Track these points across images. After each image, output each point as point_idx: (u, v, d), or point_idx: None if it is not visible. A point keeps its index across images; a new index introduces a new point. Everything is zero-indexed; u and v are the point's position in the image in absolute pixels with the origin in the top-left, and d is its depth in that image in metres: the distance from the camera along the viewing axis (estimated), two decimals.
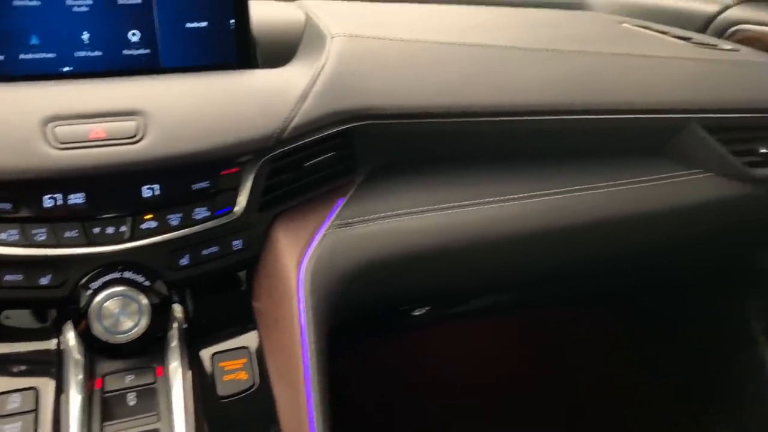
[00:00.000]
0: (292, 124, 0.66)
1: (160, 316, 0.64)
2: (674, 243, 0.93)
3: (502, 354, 1.37)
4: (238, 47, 0.76)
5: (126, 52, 0.73)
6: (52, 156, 0.59)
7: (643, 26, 1.02)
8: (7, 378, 0.61)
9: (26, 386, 0.60)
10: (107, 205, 0.62)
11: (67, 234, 0.61)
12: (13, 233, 0.59)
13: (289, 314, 0.64)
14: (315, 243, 0.69)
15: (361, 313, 0.71)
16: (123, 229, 0.62)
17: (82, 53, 0.71)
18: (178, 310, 0.68)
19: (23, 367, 0.62)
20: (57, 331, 0.65)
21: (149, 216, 0.63)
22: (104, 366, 0.63)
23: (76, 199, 0.61)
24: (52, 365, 0.62)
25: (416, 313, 0.93)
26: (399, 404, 1.23)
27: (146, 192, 0.63)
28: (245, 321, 0.70)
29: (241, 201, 0.66)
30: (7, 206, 0.59)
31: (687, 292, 1.26)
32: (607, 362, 1.41)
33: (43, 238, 0.60)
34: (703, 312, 1.26)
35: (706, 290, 1.24)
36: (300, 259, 0.67)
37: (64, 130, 0.60)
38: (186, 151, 0.62)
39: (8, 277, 0.60)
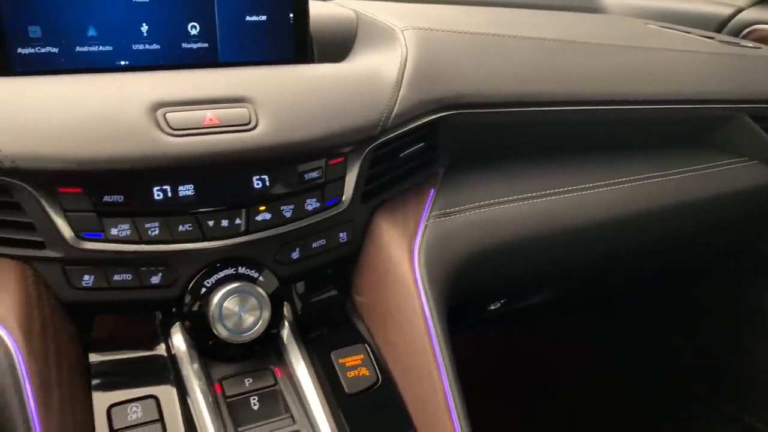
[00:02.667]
0: (394, 112, 0.65)
1: (275, 313, 0.60)
2: (715, 228, 0.96)
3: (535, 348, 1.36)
4: (296, 42, 0.74)
5: (185, 45, 0.69)
6: (167, 143, 0.54)
7: (667, 27, 1.05)
8: (121, 387, 0.56)
9: (144, 395, 0.55)
10: (219, 197, 0.58)
11: (181, 228, 0.56)
12: (124, 228, 0.55)
13: (409, 305, 0.61)
14: (420, 233, 0.66)
15: (462, 304, 0.68)
16: (238, 221, 0.58)
17: (141, 46, 0.67)
18: (286, 308, 0.64)
19: (136, 376, 0.57)
20: (164, 335, 0.60)
21: (263, 208, 0.59)
22: (218, 370, 0.59)
23: (187, 190, 0.57)
24: (166, 371, 0.58)
25: (492, 307, 0.91)
26: None
27: (257, 183, 0.59)
28: (349, 315, 0.67)
29: (348, 191, 0.63)
30: (119, 198, 0.54)
31: (705, 278, 1.27)
32: (628, 353, 1.41)
33: (156, 233, 0.55)
34: (722, 299, 1.27)
35: (725, 275, 1.25)
36: (410, 250, 0.65)
37: (177, 116, 0.56)
38: (300, 139, 0.59)
39: (117, 277, 0.56)
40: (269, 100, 0.60)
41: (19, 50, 0.62)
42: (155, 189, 0.56)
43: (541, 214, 0.74)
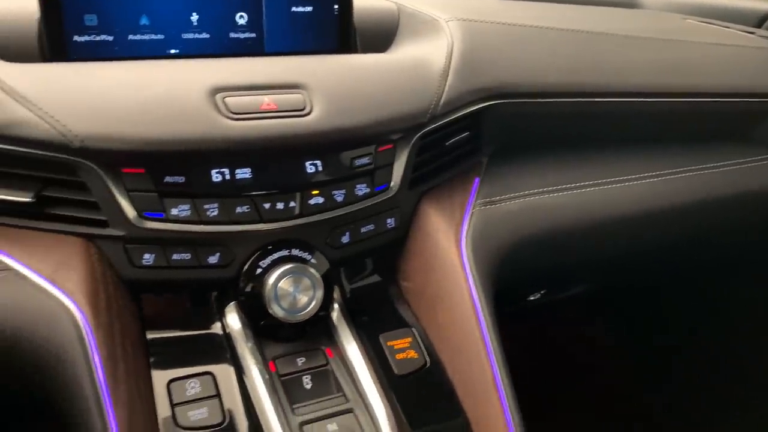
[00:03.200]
0: (443, 100, 0.66)
1: (326, 294, 0.61)
2: (762, 222, 0.95)
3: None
4: (340, 33, 0.75)
5: (232, 35, 0.70)
6: (227, 126, 0.56)
7: (706, 22, 1.04)
8: (179, 364, 0.58)
9: (201, 371, 0.57)
10: (275, 180, 0.60)
11: (239, 210, 0.58)
12: (184, 208, 0.56)
13: (457, 290, 0.62)
14: (466, 220, 0.67)
15: (502, 293, 0.69)
16: (292, 204, 0.60)
17: (190, 35, 0.68)
18: (335, 291, 0.66)
19: (192, 353, 0.59)
20: (219, 314, 0.62)
21: (316, 192, 0.61)
22: (271, 350, 0.61)
23: (244, 173, 0.58)
24: (222, 349, 0.60)
25: (532, 297, 0.92)
26: None
27: (310, 167, 0.61)
28: (395, 300, 0.68)
29: (396, 178, 0.65)
30: (180, 179, 0.56)
31: (744, 273, 1.26)
32: (654, 350, 1.40)
33: (215, 213, 0.57)
34: (758, 296, 1.26)
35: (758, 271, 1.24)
36: (457, 236, 0.66)
37: (236, 100, 0.57)
38: (353, 124, 0.60)
39: (176, 256, 0.57)
40: (323, 86, 0.61)
41: (76, 38, 0.64)
42: (214, 171, 0.57)
43: (582, 204, 0.75)
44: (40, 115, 0.52)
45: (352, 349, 0.61)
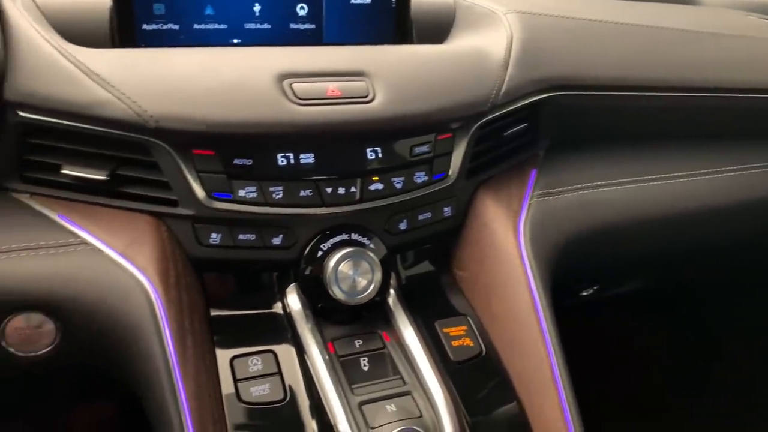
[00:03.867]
0: (503, 90, 0.66)
1: (383, 279, 0.62)
2: None
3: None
4: (397, 25, 0.75)
5: (293, 26, 0.72)
6: (294, 111, 0.57)
7: None
8: (242, 341, 0.59)
9: (263, 349, 0.58)
10: (337, 166, 0.61)
11: (303, 193, 0.60)
12: (251, 190, 0.58)
13: (514, 280, 0.63)
14: (524, 211, 0.68)
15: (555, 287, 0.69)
16: (353, 190, 0.61)
17: (252, 25, 0.70)
18: (392, 277, 0.66)
19: (254, 331, 0.61)
20: (280, 295, 0.63)
21: (376, 178, 0.62)
22: (329, 331, 0.62)
23: (308, 158, 0.60)
24: (282, 329, 0.61)
25: (584, 293, 0.91)
26: None
27: (371, 154, 0.62)
28: (449, 289, 0.68)
29: (454, 166, 0.65)
30: (248, 162, 0.58)
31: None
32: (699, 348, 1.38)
33: (279, 196, 0.59)
34: None
35: None
36: (515, 227, 0.66)
37: (302, 86, 0.59)
38: (415, 112, 0.61)
39: (242, 237, 0.59)
40: (385, 74, 0.62)
41: (144, 26, 0.66)
42: (279, 155, 0.59)
43: (639, 200, 0.74)
44: (117, 96, 0.54)
45: (409, 334, 0.62)
